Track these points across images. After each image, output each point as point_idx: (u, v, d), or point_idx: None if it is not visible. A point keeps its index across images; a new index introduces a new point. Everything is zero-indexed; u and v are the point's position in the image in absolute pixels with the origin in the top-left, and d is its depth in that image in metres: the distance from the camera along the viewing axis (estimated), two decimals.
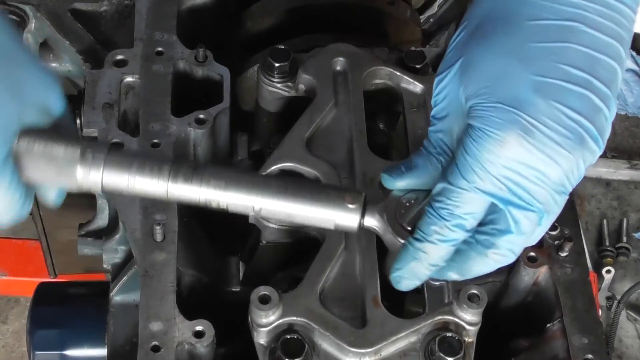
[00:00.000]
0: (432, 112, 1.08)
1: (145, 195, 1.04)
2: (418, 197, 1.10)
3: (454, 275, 1.07)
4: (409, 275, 1.07)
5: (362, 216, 1.06)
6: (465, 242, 1.04)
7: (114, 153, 1.02)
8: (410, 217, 1.09)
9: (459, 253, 1.05)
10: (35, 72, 1.01)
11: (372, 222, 1.08)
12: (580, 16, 0.99)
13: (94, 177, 1.01)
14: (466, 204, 1.00)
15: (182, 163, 1.04)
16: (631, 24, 1.02)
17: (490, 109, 0.99)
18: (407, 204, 1.10)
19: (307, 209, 1.05)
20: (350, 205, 1.06)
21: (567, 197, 1.02)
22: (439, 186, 1.03)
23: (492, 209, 1.02)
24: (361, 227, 1.07)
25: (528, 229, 1.01)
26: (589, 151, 1.00)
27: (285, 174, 1.24)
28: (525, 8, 1.00)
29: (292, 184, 1.07)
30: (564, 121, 0.98)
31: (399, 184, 1.11)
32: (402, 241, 1.07)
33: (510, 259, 1.04)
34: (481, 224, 1.03)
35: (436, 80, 1.06)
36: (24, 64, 1.00)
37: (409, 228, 1.08)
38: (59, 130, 1.03)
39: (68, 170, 1.01)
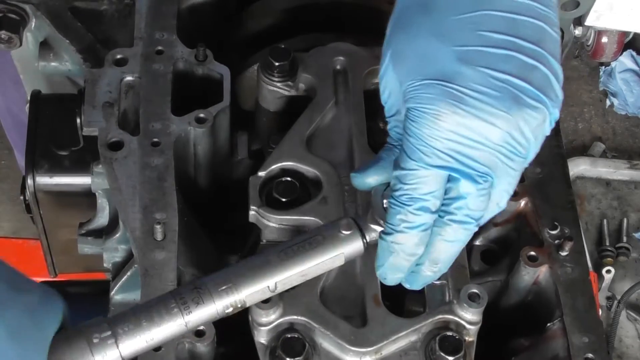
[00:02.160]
0: (385, 111, 1.10)
1: (168, 339, 1.01)
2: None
3: (427, 270, 1.07)
4: (390, 269, 1.07)
5: (363, 236, 1.07)
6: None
7: (116, 322, 0.99)
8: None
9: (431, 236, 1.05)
10: (43, 296, 0.97)
11: (374, 234, 1.08)
12: None
13: (112, 357, 0.97)
14: (422, 184, 1.02)
15: (181, 290, 1.01)
16: None
17: (420, 87, 1.01)
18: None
19: (315, 262, 1.06)
20: (346, 233, 1.07)
21: (523, 160, 1.03)
22: (394, 174, 1.04)
23: (448, 185, 1.03)
24: (368, 245, 1.08)
25: (480, 193, 1.02)
26: (531, 108, 1.00)
27: (284, 173, 1.24)
28: None
29: (289, 248, 1.06)
30: (492, 83, 0.99)
31: (368, 179, 1.11)
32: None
33: (469, 225, 1.04)
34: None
35: (379, 78, 1.08)
36: (32, 291, 0.96)
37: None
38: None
39: None
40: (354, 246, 1.07)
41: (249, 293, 1.03)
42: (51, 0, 1.47)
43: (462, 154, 1.00)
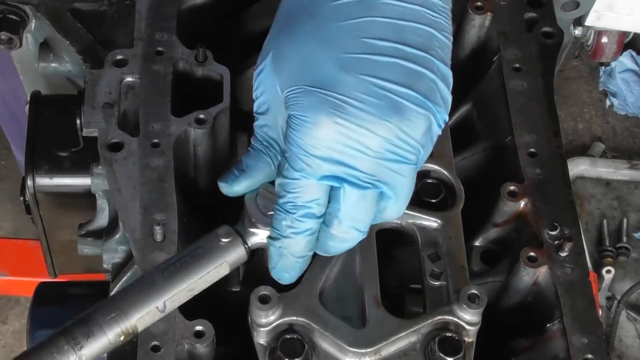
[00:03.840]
0: (254, 107, 1.10)
1: None
2: (268, 191, 1.12)
3: (322, 254, 1.10)
4: (283, 271, 1.09)
5: (245, 242, 1.09)
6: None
7: None
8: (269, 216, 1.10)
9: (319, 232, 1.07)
10: None
11: (255, 239, 1.10)
12: None
13: None
14: (305, 193, 1.02)
15: (68, 327, 1.02)
16: None
17: (301, 94, 1.01)
18: (264, 203, 1.11)
19: (200, 274, 1.07)
20: (225, 241, 1.08)
21: (413, 166, 1.03)
22: (277, 181, 1.05)
23: (332, 192, 1.04)
24: (250, 251, 1.10)
25: (364, 202, 1.03)
26: (414, 115, 1.00)
27: None
28: None
29: (172, 266, 1.07)
30: (374, 91, 0.99)
31: (237, 188, 1.12)
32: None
33: (356, 235, 1.06)
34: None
35: (255, 74, 1.08)
36: None
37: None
38: None
39: None
40: (236, 253, 1.09)
41: (138, 317, 1.03)
42: (51, 1, 1.47)
43: (343, 164, 1.00)
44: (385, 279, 1.17)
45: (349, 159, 1.00)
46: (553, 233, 1.24)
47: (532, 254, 1.22)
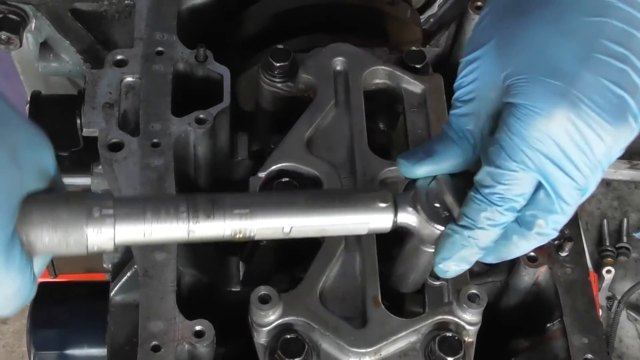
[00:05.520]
0: (457, 95, 1.05)
1: (165, 242, 0.98)
2: (446, 181, 1.05)
3: (491, 259, 1.05)
4: (458, 262, 1.03)
5: (396, 214, 1.03)
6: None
7: (122, 203, 0.94)
8: (449, 204, 1.04)
9: (501, 236, 1.02)
10: (30, 134, 0.91)
11: (406, 217, 1.04)
12: None
13: (106, 235, 0.92)
14: (517, 186, 0.97)
15: (197, 198, 0.96)
16: None
17: (535, 84, 0.96)
18: (436, 192, 1.05)
19: (340, 218, 1.01)
20: (382, 205, 1.02)
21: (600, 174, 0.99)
22: (485, 170, 0.99)
23: (541, 192, 0.99)
24: (396, 226, 1.04)
25: (573, 206, 0.99)
26: (630, 128, 0.97)
27: (284, 174, 1.24)
28: None
29: (319, 196, 1.02)
30: (608, 96, 0.95)
31: (418, 171, 1.06)
32: (442, 229, 1.03)
33: (552, 236, 1.02)
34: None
35: (464, 61, 1.03)
36: (19, 127, 0.91)
37: (446, 214, 1.04)
38: (55, 191, 0.94)
39: (76, 234, 0.90)
40: (383, 222, 1.02)
41: (262, 226, 0.97)
42: (51, 1, 1.47)
43: (569, 162, 0.96)
44: (386, 279, 1.17)
45: (575, 159, 0.96)
46: None
47: (532, 253, 1.22)
